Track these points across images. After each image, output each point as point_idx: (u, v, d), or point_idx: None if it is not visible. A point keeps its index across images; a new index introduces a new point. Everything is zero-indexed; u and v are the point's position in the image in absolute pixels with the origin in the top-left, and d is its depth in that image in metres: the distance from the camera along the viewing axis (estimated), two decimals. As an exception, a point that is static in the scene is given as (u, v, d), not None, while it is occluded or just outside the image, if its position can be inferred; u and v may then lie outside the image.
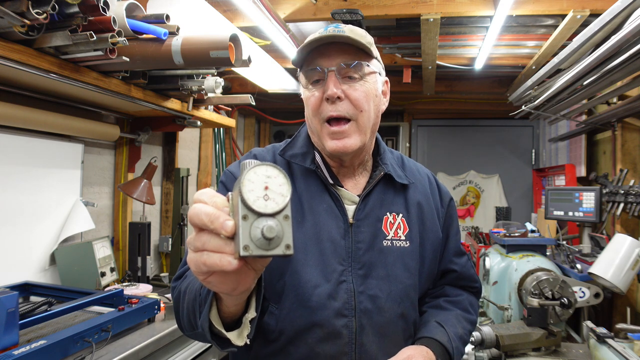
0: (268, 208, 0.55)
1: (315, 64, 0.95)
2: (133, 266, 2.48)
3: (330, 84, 0.93)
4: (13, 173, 1.94)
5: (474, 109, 4.88)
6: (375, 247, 0.98)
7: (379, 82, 1.02)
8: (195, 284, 0.81)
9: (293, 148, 1.05)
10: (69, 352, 1.39)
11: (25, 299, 1.91)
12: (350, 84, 0.95)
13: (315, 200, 0.99)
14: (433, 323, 1.03)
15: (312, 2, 2.46)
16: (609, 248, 2.12)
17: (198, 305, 0.77)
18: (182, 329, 0.91)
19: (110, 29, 1.43)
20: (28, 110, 1.84)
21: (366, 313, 0.94)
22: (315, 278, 0.93)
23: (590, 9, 2.20)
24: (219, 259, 0.56)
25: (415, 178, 1.11)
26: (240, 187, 0.55)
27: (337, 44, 0.94)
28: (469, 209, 5.13)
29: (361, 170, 1.07)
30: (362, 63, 0.95)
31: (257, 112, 4.78)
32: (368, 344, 0.94)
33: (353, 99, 0.95)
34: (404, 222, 1.03)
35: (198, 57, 1.68)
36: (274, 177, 0.57)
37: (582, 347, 1.93)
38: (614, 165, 3.04)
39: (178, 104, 2.33)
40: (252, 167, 0.57)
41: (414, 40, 3.00)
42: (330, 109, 0.94)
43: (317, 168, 1.01)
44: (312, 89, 0.97)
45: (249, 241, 0.54)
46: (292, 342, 0.93)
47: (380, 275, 0.97)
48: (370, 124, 0.99)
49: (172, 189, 3.07)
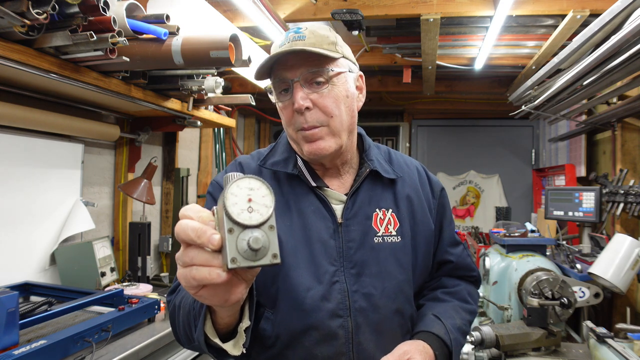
0: (253, 220, 0.57)
1: (279, 75, 0.94)
2: (133, 266, 2.49)
3: (296, 97, 0.92)
4: (13, 173, 1.94)
5: (474, 109, 4.88)
6: (366, 244, 0.97)
7: (350, 80, 0.99)
8: (189, 297, 0.81)
9: (274, 155, 1.05)
10: (69, 352, 1.39)
11: (25, 299, 1.91)
12: (317, 90, 0.93)
13: (302, 203, 0.99)
14: (430, 316, 1.02)
15: (312, 2, 2.46)
16: (609, 248, 2.12)
17: (192, 318, 0.77)
18: (180, 343, 0.91)
19: (111, 29, 1.43)
20: (28, 110, 1.84)
21: (361, 312, 0.94)
22: (307, 281, 0.93)
23: (590, 9, 2.20)
24: (208, 273, 0.57)
25: (403, 172, 1.09)
26: (224, 201, 0.57)
27: (299, 52, 0.92)
28: (469, 209, 5.14)
29: (347, 169, 1.06)
30: (325, 68, 0.93)
31: (257, 112, 4.78)
32: (365, 342, 0.93)
33: (322, 106, 0.93)
34: (394, 217, 1.02)
35: (198, 57, 1.68)
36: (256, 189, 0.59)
37: (582, 347, 1.93)
38: (614, 165, 3.04)
39: (178, 104, 2.34)
40: (235, 180, 0.58)
41: (414, 40, 3.00)
42: (300, 121, 0.94)
43: (300, 172, 1.00)
44: (282, 100, 0.97)
45: (236, 253, 0.55)
46: (289, 347, 0.93)
47: (373, 273, 0.96)
48: (344, 127, 0.97)
49: (172, 189, 3.07)
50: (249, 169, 1.05)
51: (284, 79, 0.94)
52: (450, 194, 5.14)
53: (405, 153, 5.07)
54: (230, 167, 1.08)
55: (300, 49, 0.90)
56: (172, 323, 0.92)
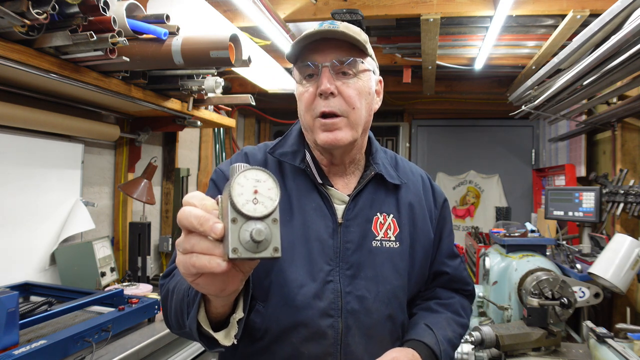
0: (257, 212, 0.57)
1: (309, 59, 0.95)
2: (133, 266, 2.49)
3: (324, 80, 0.92)
4: (13, 173, 1.94)
5: (474, 109, 4.88)
6: (364, 247, 0.97)
7: (373, 80, 1.02)
8: (184, 283, 0.81)
9: (284, 146, 1.04)
10: (69, 352, 1.39)
11: (25, 299, 1.91)
12: (343, 80, 0.94)
13: (304, 200, 0.98)
14: (422, 325, 1.02)
15: (312, 2, 2.46)
16: (609, 248, 2.12)
17: (186, 305, 0.77)
18: (169, 327, 0.91)
19: (110, 29, 1.43)
20: (28, 110, 1.84)
21: (353, 314, 0.93)
22: (301, 277, 0.92)
23: (590, 9, 2.20)
24: (208, 261, 0.57)
25: (407, 178, 1.09)
26: (230, 190, 0.56)
27: (332, 40, 0.94)
28: (469, 209, 5.13)
29: (353, 170, 1.06)
30: (356, 60, 0.95)
31: (257, 112, 4.78)
32: (354, 344, 0.93)
33: (346, 95, 0.94)
34: (395, 222, 1.02)
35: (198, 57, 1.68)
36: (263, 181, 0.59)
37: (582, 347, 1.93)
38: (614, 165, 3.04)
39: (178, 104, 2.34)
40: (242, 171, 0.58)
41: (414, 40, 3.00)
42: (322, 105, 0.93)
43: (307, 167, 1.00)
44: (305, 85, 0.97)
45: (237, 244, 0.55)
46: (277, 341, 0.92)
47: (368, 276, 0.96)
48: (362, 122, 0.98)
49: (172, 189, 3.07)
50: (255, 160, 1.04)
51: (314, 62, 0.94)
52: (450, 194, 5.14)
53: (405, 153, 5.10)
54: (235, 156, 1.07)
55: (340, 31, 0.91)
56: (164, 307, 0.91)
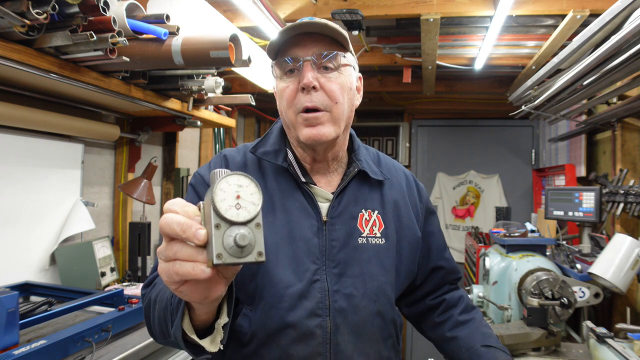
0: (240, 217, 0.57)
1: (290, 54, 0.94)
2: (133, 266, 2.49)
3: (306, 73, 0.91)
4: (13, 173, 1.94)
5: (474, 109, 4.88)
6: (350, 244, 0.97)
7: (354, 76, 1.02)
8: (166, 292, 0.80)
9: (265, 145, 1.03)
10: (69, 352, 1.39)
11: (25, 299, 1.91)
12: (325, 74, 0.94)
13: (287, 199, 0.97)
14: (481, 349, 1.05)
15: (312, 2, 2.46)
16: (609, 248, 2.12)
17: (170, 314, 0.76)
18: (153, 337, 0.90)
19: (110, 29, 1.43)
20: (28, 110, 1.84)
21: (341, 312, 0.92)
22: (287, 278, 0.91)
23: (590, 9, 2.20)
24: (192, 268, 0.57)
25: (391, 174, 1.09)
26: (212, 196, 0.56)
27: (313, 34, 0.93)
28: (469, 209, 5.13)
29: (335, 167, 1.05)
30: (338, 53, 0.94)
31: (257, 112, 4.78)
32: (343, 343, 0.92)
33: (328, 90, 0.93)
34: (380, 219, 1.02)
35: (198, 57, 1.68)
36: (245, 186, 0.59)
37: (582, 347, 1.93)
38: (614, 165, 3.04)
39: (178, 104, 2.34)
40: (224, 176, 0.58)
41: (414, 40, 3.00)
42: (305, 100, 0.92)
43: (290, 166, 0.99)
44: (286, 80, 0.96)
45: (222, 249, 0.55)
46: (265, 345, 0.91)
47: (355, 274, 0.95)
48: (344, 117, 0.98)
49: (172, 189, 3.07)
50: (234, 162, 1.03)
51: (295, 57, 0.93)
52: (450, 194, 5.14)
53: (405, 153, 5.10)
54: (215, 159, 1.06)
55: (322, 23, 0.90)
56: (147, 317, 0.90)
